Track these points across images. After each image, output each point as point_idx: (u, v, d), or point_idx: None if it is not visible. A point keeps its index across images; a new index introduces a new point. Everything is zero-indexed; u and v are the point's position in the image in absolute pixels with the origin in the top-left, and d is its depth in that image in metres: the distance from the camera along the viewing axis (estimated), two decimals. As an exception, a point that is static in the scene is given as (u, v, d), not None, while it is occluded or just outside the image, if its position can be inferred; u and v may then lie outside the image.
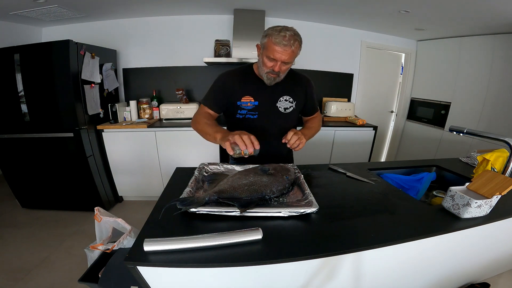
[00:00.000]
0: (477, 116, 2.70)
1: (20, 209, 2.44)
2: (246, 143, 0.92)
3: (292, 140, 1.07)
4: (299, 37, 1.04)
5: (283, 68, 1.07)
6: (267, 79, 1.11)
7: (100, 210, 1.24)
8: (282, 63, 1.04)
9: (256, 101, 1.18)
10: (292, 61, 1.07)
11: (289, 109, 1.23)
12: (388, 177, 1.29)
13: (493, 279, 1.45)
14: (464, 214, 0.84)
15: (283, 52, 1.01)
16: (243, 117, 1.21)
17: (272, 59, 1.04)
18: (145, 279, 0.67)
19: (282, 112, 1.22)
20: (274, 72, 1.08)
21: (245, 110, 1.19)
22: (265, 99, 1.19)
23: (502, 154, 1.23)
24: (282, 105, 1.22)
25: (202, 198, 0.81)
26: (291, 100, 1.23)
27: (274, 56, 1.02)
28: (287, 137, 1.08)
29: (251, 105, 1.18)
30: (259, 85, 1.17)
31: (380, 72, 3.40)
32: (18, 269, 1.67)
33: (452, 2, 1.94)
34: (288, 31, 1.01)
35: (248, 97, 1.18)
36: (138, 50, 2.78)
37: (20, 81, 2.00)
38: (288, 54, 1.02)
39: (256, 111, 1.19)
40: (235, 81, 1.19)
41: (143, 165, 2.48)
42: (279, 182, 0.92)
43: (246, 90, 1.18)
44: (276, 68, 1.06)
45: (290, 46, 1.00)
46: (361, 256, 0.81)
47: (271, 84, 1.14)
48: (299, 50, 1.05)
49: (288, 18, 2.79)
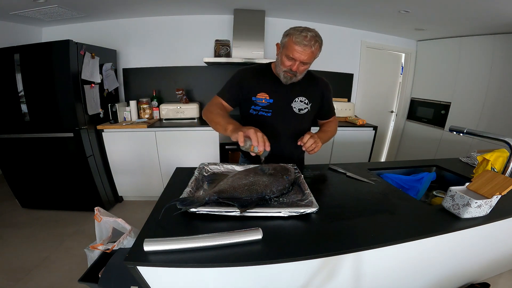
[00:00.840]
0: (477, 116, 2.70)
1: (20, 209, 2.44)
2: (259, 141, 0.91)
3: (308, 143, 1.06)
4: (320, 39, 1.05)
5: (301, 68, 1.08)
6: (284, 77, 1.12)
7: (100, 210, 1.24)
8: (300, 63, 1.05)
9: (271, 98, 1.18)
10: (311, 62, 1.07)
11: (304, 110, 1.22)
12: (388, 177, 1.29)
13: (493, 279, 1.45)
14: (464, 214, 0.84)
15: (302, 52, 1.02)
16: (257, 113, 1.21)
17: (291, 58, 1.05)
18: (145, 279, 0.67)
19: (296, 112, 1.21)
20: (292, 72, 1.09)
21: (259, 106, 1.20)
22: (280, 98, 1.19)
23: (502, 154, 1.23)
24: (297, 106, 1.21)
25: (202, 198, 0.81)
26: (306, 102, 1.22)
27: (294, 55, 1.03)
28: (303, 139, 1.08)
29: (266, 102, 1.19)
30: (276, 83, 1.18)
31: (380, 72, 3.40)
32: (18, 269, 1.67)
33: (452, 2, 1.94)
34: (309, 32, 1.02)
35: (263, 94, 1.18)
36: (138, 50, 2.78)
37: (20, 81, 2.00)
38: (308, 54, 1.03)
39: (270, 109, 1.19)
40: (253, 77, 1.20)
41: (143, 165, 2.48)
42: (279, 182, 0.92)
43: (262, 87, 1.19)
44: (294, 68, 1.06)
45: (311, 47, 1.01)
46: (361, 256, 0.81)
47: (287, 83, 1.15)
48: (318, 51, 1.06)
49: (288, 18, 2.79)
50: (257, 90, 1.18)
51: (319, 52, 1.06)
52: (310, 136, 1.07)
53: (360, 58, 3.18)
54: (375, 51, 3.25)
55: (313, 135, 1.09)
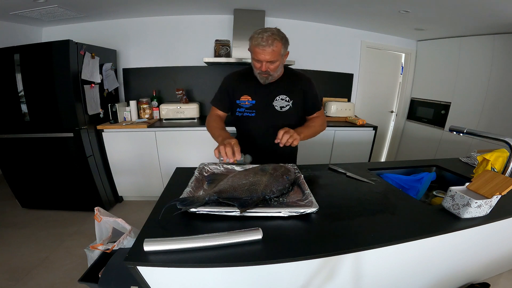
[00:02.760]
0: (477, 116, 2.70)
1: (20, 209, 2.44)
2: (227, 154, 0.98)
3: (284, 139, 1.06)
4: (279, 36, 1.08)
5: (270, 67, 1.12)
6: (260, 78, 1.18)
7: (100, 210, 1.24)
8: (267, 62, 1.09)
9: (253, 100, 1.25)
10: (278, 59, 1.10)
11: (285, 107, 1.25)
12: (388, 177, 1.29)
13: (493, 279, 1.45)
14: (464, 214, 0.84)
15: (263, 52, 1.07)
16: (242, 115, 1.28)
17: (257, 60, 1.10)
18: (145, 279, 0.67)
19: (278, 110, 1.25)
20: (263, 72, 1.13)
21: (243, 108, 1.27)
22: (262, 98, 1.24)
23: (502, 154, 1.23)
24: (278, 104, 1.24)
25: (202, 198, 0.81)
26: (287, 99, 1.24)
27: (258, 57, 1.09)
28: (278, 136, 1.08)
29: (249, 103, 1.25)
30: (257, 85, 1.23)
31: (380, 72, 3.40)
32: (18, 269, 1.67)
33: (452, 2, 1.94)
34: (266, 32, 1.06)
35: (246, 96, 1.25)
36: (138, 50, 2.78)
37: (20, 81, 2.00)
38: (269, 53, 1.07)
39: (254, 109, 1.25)
40: (236, 81, 1.28)
41: (143, 165, 2.47)
42: (279, 182, 0.92)
43: (245, 89, 1.26)
44: (263, 68, 1.11)
45: (269, 46, 1.05)
46: (361, 256, 0.81)
47: (265, 83, 1.20)
48: (283, 48, 1.10)
49: (288, 18, 2.79)
50: (241, 93, 1.26)
51: (284, 48, 1.11)
52: (285, 132, 1.07)
53: (360, 58, 3.18)
54: (375, 51, 3.25)
55: (287, 130, 1.08)
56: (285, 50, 1.13)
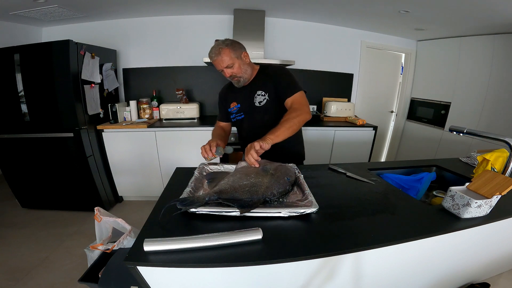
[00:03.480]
0: (477, 116, 2.70)
1: (20, 209, 2.44)
2: (205, 150, 1.13)
3: (251, 160, 0.98)
4: (224, 43, 1.19)
5: (232, 71, 1.22)
6: (234, 83, 1.31)
7: (100, 210, 1.24)
8: (226, 68, 1.21)
9: (239, 104, 1.36)
10: (233, 62, 1.20)
11: (263, 102, 1.29)
12: (388, 177, 1.29)
13: (493, 279, 1.45)
14: (464, 214, 0.84)
15: (216, 63, 1.20)
16: (235, 120, 1.40)
17: (220, 70, 1.23)
18: (145, 279, 0.67)
19: (258, 106, 1.31)
20: (232, 77, 1.25)
21: (233, 114, 1.39)
22: (245, 100, 1.34)
23: (502, 154, 1.23)
24: (257, 100, 1.31)
25: (202, 198, 0.81)
26: (263, 93, 1.30)
27: (217, 68, 1.23)
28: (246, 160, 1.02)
29: (236, 108, 1.37)
30: (240, 90, 1.34)
31: (380, 72, 3.40)
32: (18, 269, 1.67)
33: (452, 2, 1.94)
34: (214, 47, 1.20)
35: (234, 102, 1.38)
36: (138, 50, 2.78)
37: (20, 81, 2.00)
38: (220, 61, 1.19)
39: (241, 112, 1.36)
40: (226, 93, 1.43)
41: (143, 165, 2.47)
42: (280, 184, 0.91)
43: (232, 97, 1.39)
44: (227, 74, 1.24)
45: (218, 55, 1.18)
46: (361, 256, 0.81)
47: (240, 86, 1.31)
48: (232, 52, 1.19)
49: (288, 18, 2.79)
50: (230, 101, 1.39)
51: (234, 51, 1.20)
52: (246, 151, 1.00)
53: (360, 58, 3.18)
54: (375, 51, 3.25)
55: (247, 148, 1.00)
56: (238, 52, 1.21)
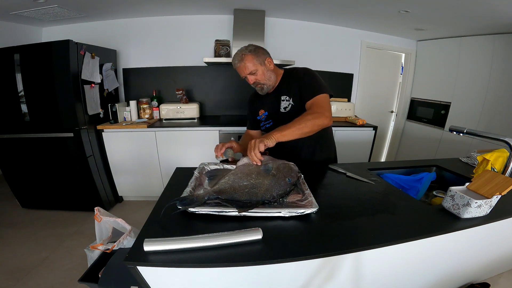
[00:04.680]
0: (477, 116, 2.70)
1: (20, 209, 2.44)
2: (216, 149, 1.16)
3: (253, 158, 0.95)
4: (247, 50, 1.19)
5: (255, 78, 1.21)
6: (258, 90, 1.29)
7: (100, 210, 1.24)
8: (248, 76, 1.21)
9: (266, 111, 1.35)
10: (256, 68, 1.19)
11: (288, 107, 1.27)
12: (388, 177, 1.29)
13: (493, 279, 1.45)
14: (464, 214, 0.84)
15: (239, 69, 1.20)
16: (265, 128, 1.38)
17: (243, 77, 1.23)
18: (145, 279, 0.67)
19: (283, 112, 1.28)
20: (255, 84, 1.24)
21: (262, 122, 1.37)
22: (271, 106, 1.32)
23: (502, 154, 1.23)
24: (282, 106, 1.29)
25: (202, 197, 0.81)
26: (287, 98, 1.28)
27: (241, 75, 1.23)
28: None
29: (264, 116, 1.36)
30: (266, 97, 1.33)
31: (380, 72, 3.40)
32: (18, 269, 1.67)
33: (452, 2, 1.94)
34: (237, 53, 1.20)
35: (261, 110, 1.37)
36: (138, 50, 2.78)
37: (20, 81, 2.00)
38: (243, 68, 1.19)
39: (270, 120, 1.35)
40: (253, 102, 1.41)
41: (143, 165, 2.47)
42: (281, 186, 0.89)
43: (259, 105, 1.38)
44: (250, 81, 1.23)
45: (240, 61, 1.18)
46: (361, 256, 0.81)
47: (264, 93, 1.29)
48: (255, 58, 1.19)
49: (288, 18, 2.79)
50: (257, 109, 1.38)
51: (257, 57, 1.19)
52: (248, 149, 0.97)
53: (360, 58, 3.18)
54: (375, 51, 3.25)
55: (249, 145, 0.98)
56: (261, 58, 1.20)
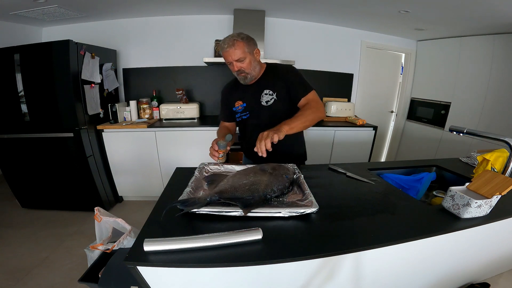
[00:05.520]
0: (477, 116, 2.70)
1: (20, 209, 2.44)
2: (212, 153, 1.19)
3: (261, 148, 0.97)
4: (239, 36, 1.17)
5: (242, 65, 1.19)
6: (240, 79, 1.27)
7: (100, 210, 1.24)
8: (235, 62, 1.18)
9: (244, 103, 1.33)
10: (245, 56, 1.17)
11: (271, 101, 1.27)
12: (388, 177, 1.29)
13: (493, 279, 1.45)
14: (464, 214, 0.84)
15: (227, 54, 1.17)
16: (241, 119, 1.37)
17: (229, 63, 1.20)
18: (145, 279, 0.67)
19: (265, 105, 1.28)
20: (240, 71, 1.21)
21: (238, 113, 1.36)
22: (250, 98, 1.31)
23: (502, 154, 1.23)
24: (264, 99, 1.28)
25: (204, 199, 0.81)
26: (271, 93, 1.27)
27: (227, 59, 1.19)
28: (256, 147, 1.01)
29: (241, 107, 1.34)
30: (245, 89, 1.32)
31: (380, 72, 3.40)
32: (18, 269, 1.66)
33: (452, 2, 1.94)
34: (228, 37, 1.17)
35: (238, 101, 1.35)
36: (138, 50, 2.78)
37: (20, 81, 2.00)
38: (232, 53, 1.16)
39: (247, 111, 1.33)
40: (229, 92, 1.39)
41: (143, 165, 2.47)
42: (279, 181, 0.92)
43: (236, 96, 1.35)
44: (235, 68, 1.20)
45: (230, 47, 1.15)
46: (361, 256, 0.81)
47: (246, 82, 1.27)
48: (246, 46, 1.17)
49: (288, 18, 2.78)
50: (234, 100, 1.36)
51: (248, 45, 1.18)
52: (260, 138, 1.00)
53: (360, 58, 3.18)
54: (375, 51, 3.25)
55: (260, 136, 1.00)
56: (251, 47, 1.20)
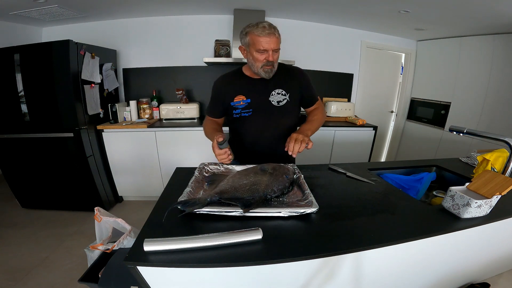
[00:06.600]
0: (477, 116, 2.70)
1: (20, 209, 2.44)
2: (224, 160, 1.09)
3: (295, 149, 1.01)
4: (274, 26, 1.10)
5: (275, 56, 1.12)
6: (265, 72, 1.14)
7: (100, 210, 1.24)
8: (272, 51, 1.09)
9: (248, 98, 1.21)
10: (279, 48, 1.12)
11: (283, 102, 1.22)
12: (388, 177, 1.29)
13: (493, 279, 1.45)
14: (464, 214, 0.84)
15: (269, 40, 1.07)
16: (239, 116, 1.24)
17: (262, 51, 1.09)
18: (145, 279, 0.67)
19: (275, 105, 1.21)
20: (269, 63, 1.12)
21: (239, 109, 1.23)
22: (257, 95, 1.21)
23: (502, 154, 1.23)
24: (275, 99, 1.21)
25: (204, 200, 0.81)
26: (284, 93, 1.21)
27: (264, 46, 1.07)
28: (288, 147, 1.03)
29: (244, 103, 1.21)
30: (250, 83, 1.22)
31: (380, 72, 3.40)
32: (18, 269, 1.66)
33: (452, 2, 1.94)
34: (265, 22, 1.08)
35: (240, 96, 1.21)
36: (138, 50, 2.78)
37: (20, 81, 2.00)
38: (275, 41, 1.08)
39: (250, 108, 1.21)
40: (226, 85, 1.24)
41: (143, 165, 2.47)
42: (280, 182, 0.91)
43: (237, 90, 1.22)
44: (270, 58, 1.10)
45: (274, 34, 1.07)
46: (361, 256, 0.81)
47: (270, 77, 1.17)
48: (279, 39, 1.11)
49: (288, 18, 2.79)
50: (233, 94, 1.22)
51: (280, 39, 1.12)
52: (294, 140, 1.02)
53: (360, 58, 3.18)
54: (375, 51, 3.25)
55: (296, 137, 1.03)
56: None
